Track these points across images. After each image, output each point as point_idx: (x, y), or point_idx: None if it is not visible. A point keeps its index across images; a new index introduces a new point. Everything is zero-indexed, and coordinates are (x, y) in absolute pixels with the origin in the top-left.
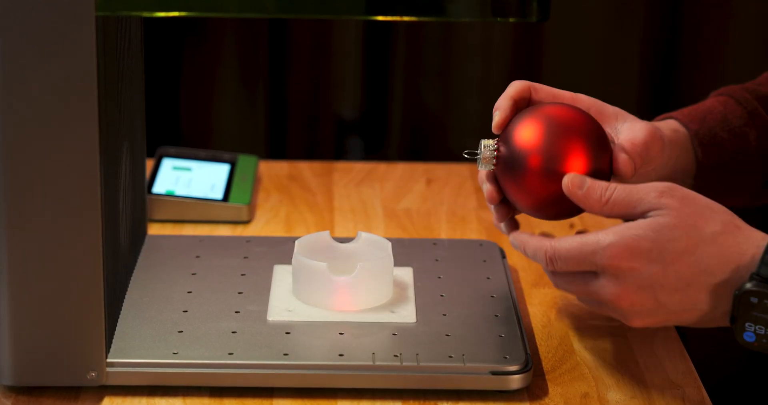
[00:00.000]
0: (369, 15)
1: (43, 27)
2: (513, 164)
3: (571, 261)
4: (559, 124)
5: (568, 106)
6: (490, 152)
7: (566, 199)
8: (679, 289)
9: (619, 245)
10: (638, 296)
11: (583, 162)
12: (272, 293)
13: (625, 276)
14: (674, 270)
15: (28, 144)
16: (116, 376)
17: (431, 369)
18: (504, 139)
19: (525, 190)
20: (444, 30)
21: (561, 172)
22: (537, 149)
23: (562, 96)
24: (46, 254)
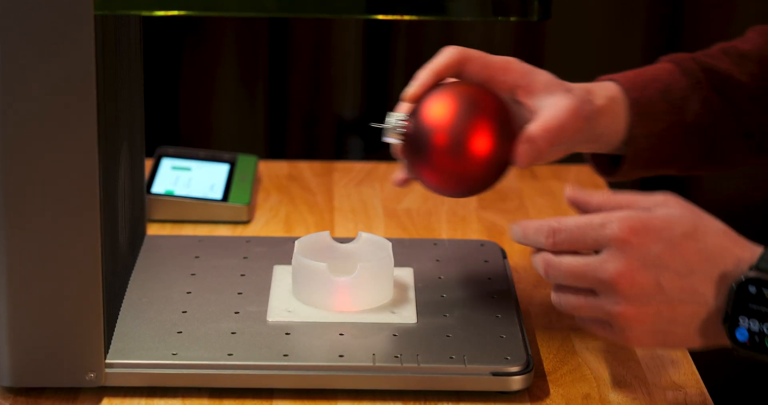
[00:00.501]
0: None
1: (41, 26)
2: (416, 140)
3: (575, 233)
4: (466, 105)
5: (482, 88)
6: (397, 124)
7: (466, 179)
8: (683, 274)
9: (632, 218)
10: (641, 275)
11: (486, 145)
12: (272, 294)
13: (631, 251)
14: (680, 253)
15: (26, 144)
16: (115, 377)
17: (432, 370)
18: (412, 113)
19: (426, 167)
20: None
21: (462, 153)
22: (439, 128)
23: (494, 63)
24: (45, 254)
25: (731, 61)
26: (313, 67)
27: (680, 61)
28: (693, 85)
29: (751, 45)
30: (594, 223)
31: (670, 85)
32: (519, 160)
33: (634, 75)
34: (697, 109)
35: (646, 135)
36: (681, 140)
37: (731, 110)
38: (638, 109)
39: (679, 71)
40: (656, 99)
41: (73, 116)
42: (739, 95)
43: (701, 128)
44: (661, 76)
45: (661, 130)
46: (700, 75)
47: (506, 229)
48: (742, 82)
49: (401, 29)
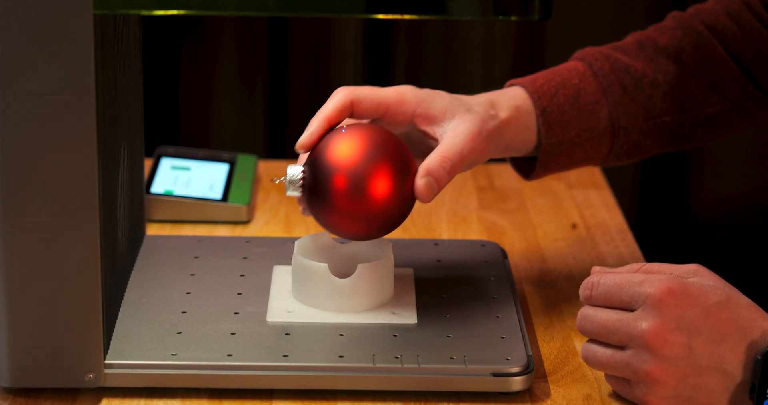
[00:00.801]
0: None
1: (40, 25)
2: (316, 189)
3: (613, 288)
4: (361, 147)
5: (375, 127)
6: (296, 177)
7: (372, 220)
8: (714, 341)
9: (670, 281)
10: (673, 335)
11: (386, 185)
12: (272, 294)
13: (667, 311)
14: (713, 321)
15: (25, 143)
16: (114, 377)
17: (432, 371)
18: (309, 163)
19: (330, 214)
20: (445, 28)
21: (363, 196)
22: (337, 174)
23: (386, 98)
24: (44, 255)
25: (646, 57)
26: (313, 67)
27: (592, 61)
28: (605, 89)
29: (668, 38)
30: (633, 280)
31: (580, 90)
32: (420, 194)
33: (543, 80)
34: (609, 112)
35: (556, 143)
36: (593, 143)
37: (645, 110)
38: (547, 117)
39: (590, 73)
40: (566, 106)
41: (72, 116)
42: (653, 95)
43: (614, 131)
44: (572, 81)
45: (572, 137)
46: (612, 77)
47: (506, 229)
48: (658, 81)
49: (401, 29)
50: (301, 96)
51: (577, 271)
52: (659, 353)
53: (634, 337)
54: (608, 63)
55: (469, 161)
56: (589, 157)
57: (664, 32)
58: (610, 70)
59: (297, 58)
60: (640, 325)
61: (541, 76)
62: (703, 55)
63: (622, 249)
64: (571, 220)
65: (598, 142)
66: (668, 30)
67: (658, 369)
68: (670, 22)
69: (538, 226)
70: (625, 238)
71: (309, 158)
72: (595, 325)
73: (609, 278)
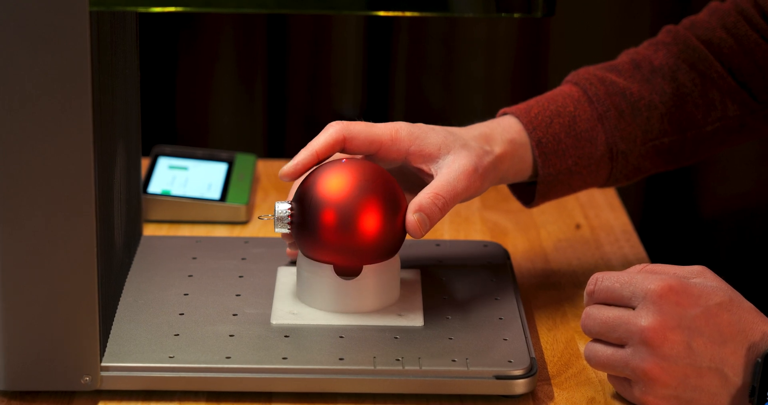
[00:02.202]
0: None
1: (36, 22)
2: (304, 224)
3: (616, 284)
4: (349, 182)
5: (361, 164)
6: (284, 214)
7: (360, 254)
8: (716, 342)
9: (673, 279)
10: (674, 334)
11: (374, 222)
12: (276, 296)
13: (668, 308)
14: (715, 322)
15: (20, 142)
16: (111, 380)
17: (434, 373)
18: (297, 200)
19: (316, 250)
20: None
21: (351, 232)
22: (325, 209)
23: (379, 135)
24: (39, 255)
25: (642, 78)
26: (313, 65)
27: (587, 86)
28: (600, 114)
29: (663, 56)
30: (636, 278)
31: (575, 117)
32: (411, 230)
33: (538, 108)
34: (606, 138)
35: (554, 173)
36: (591, 170)
37: (643, 133)
38: (543, 148)
39: (585, 99)
40: (562, 135)
41: (68, 114)
42: (651, 117)
43: (612, 156)
44: (567, 108)
45: (570, 165)
46: (608, 102)
47: (509, 229)
48: (654, 103)
49: (402, 26)
50: (301, 94)
51: (581, 273)
52: (659, 351)
53: (633, 333)
54: (603, 87)
55: (463, 198)
56: (588, 183)
57: (659, 49)
58: (605, 95)
59: (296, 56)
60: (640, 321)
61: (536, 105)
62: (700, 72)
63: (626, 250)
64: (575, 220)
65: (596, 168)
66: (663, 46)
67: (657, 368)
68: (665, 37)
69: (542, 226)
70: (630, 239)
71: (296, 194)
72: (597, 322)
73: (612, 275)
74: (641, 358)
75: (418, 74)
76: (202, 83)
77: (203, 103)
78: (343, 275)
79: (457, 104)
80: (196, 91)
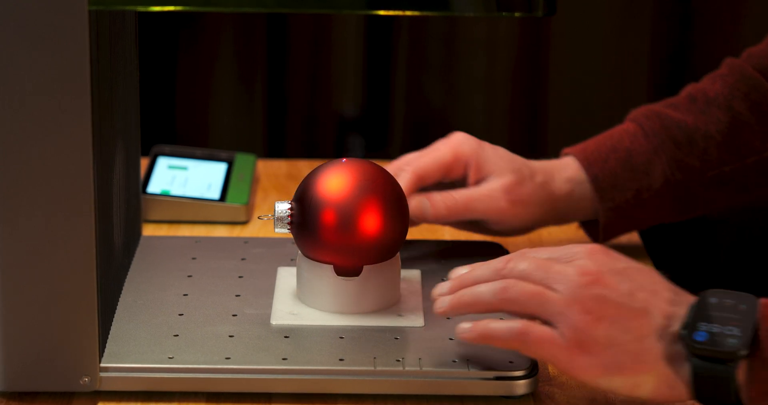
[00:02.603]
0: (370, 9)
1: (34, 22)
2: (304, 224)
3: (544, 251)
4: (348, 185)
5: (362, 164)
6: (284, 214)
7: (354, 258)
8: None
9: (596, 245)
10: (608, 276)
11: (375, 222)
12: (276, 296)
13: (601, 259)
14: (646, 273)
15: (18, 142)
16: (110, 381)
17: (434, 374)
18: (297, 199)
19: (316, 250)
20: (448, 25)
21: (351, 231)
22: (326, 209)
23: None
24: (38, 256)
25: (698, 110)
26: (313, 64)
27: (643, 121)
28: (656, 147)
29: (719, 86)
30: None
31: (632, 151)
32: (414, 211)
33: (595, 145)
34: (664, 170)
35: (613, 207)
36: (653, 202)
37: (701, 163)
38: (600, 184)
39: (641, 134)
40: (618, 170)
41: (67, 114)
42: (708, 147)
43: (672, 186)
44: (623, 143)
45: (629, 198)
46: (663, 134)
47: None
48: (710, 133)
49: (403, 25)
50: (301, 94)
51: None
52: (593, 289)
53: (567, 275)
54: (659, 120)
55: (482, 214)
56: (655, 216)
57: (715, 81)
58: (660, 128)
59: (296, 55)
60: (574, 266)
61: (592, 143)
62: (755, 100)
63: (628, 249)
64: None
65: (658, 200)
66: (720, 78)
67: (593, 303)
68: (724, 70)
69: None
70: (631, 238)
71: (296, 194)
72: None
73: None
74: (576, 295)
75: (418, 74)
76: (202, 83)
77: (203, 102)
78: (343, 275)
79: (457, 104)
80: (195, 90)
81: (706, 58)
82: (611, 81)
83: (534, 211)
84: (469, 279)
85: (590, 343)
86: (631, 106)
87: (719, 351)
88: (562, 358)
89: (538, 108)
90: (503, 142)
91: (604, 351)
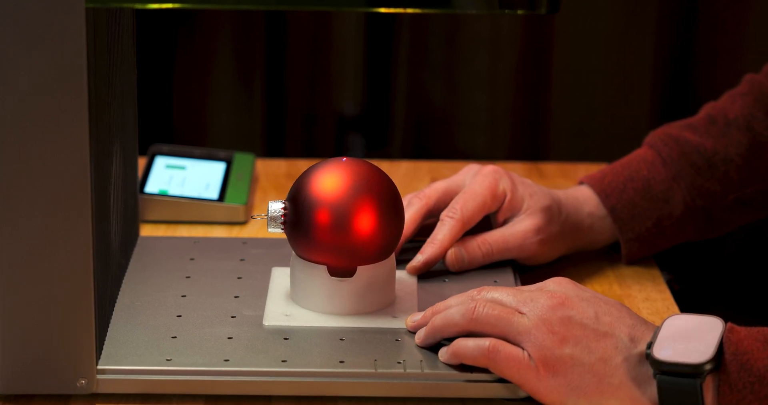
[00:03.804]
0: (371, 7)
1: (31, 19)
2: (297, 224)
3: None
4: (343, 184)
5: (357, 164)
6: (277, 214)
7: (348, 259)
8: (612, 315)
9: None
10: (575, 301)
11: (369, 222)
12: (269, 297)
13: (568, 286)
14: (609, 302)
15: (15, 141)
16: (107, 383)
17: (436, 376)
18: (290, 199)
19: (311, 250)
20: (450, 22)
21: (345, 232)
22: (320, 209)
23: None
24: (34, 257)
25: (717, 133)
26: (312, 62)
27: (661, 147)
28: (675, 174)
29: (739, 106)
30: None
31: (649, 180)
32: (447, 260)
33: (612, 176)
34: (683, 197)
35: (633, 238)
36: (674, 229)
37: (722, 186)
38: (618, 214)
39: (659, 162)
40: (636, 200)
41: (64, 113)
42: (728, 170)
43: (693, 212)
44: (641, 173)
45: (650, 227)
46: (682, 160)
47: None
48: (729, 156)
49: (404, 22)
50: (300, 92)
51: (585, 275)
52: (561, 311)
53: (536, 298)
54: (677, 146)
55: (516, 255)
56: (675, 241)
57: (735, 100)
58: (679, 155)
59: (295, 53)
60: (543, 292)
61: (610, 172)
62: None
63: None
64: None
65: (679, 226)
66: (740, 97)
67: (560, 323)
68: (743, 88)
69: None
70: None
71: (290, 193)
72: (497, 291)
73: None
74: (544, 316)
75: (419, 72)
76: (200, 81)
77: (201, 101)
78: (336, 276)
79: (459, 103)
80: (193, 89)
81: (710, 56)
82: (614, 79)
83: (561, 247)
84: (441, 305)
85: (556, 363)
86: (635, 104)
87: (684, 364)
88: (529, 378)
89: (540, 107)
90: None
91: (570, 372)
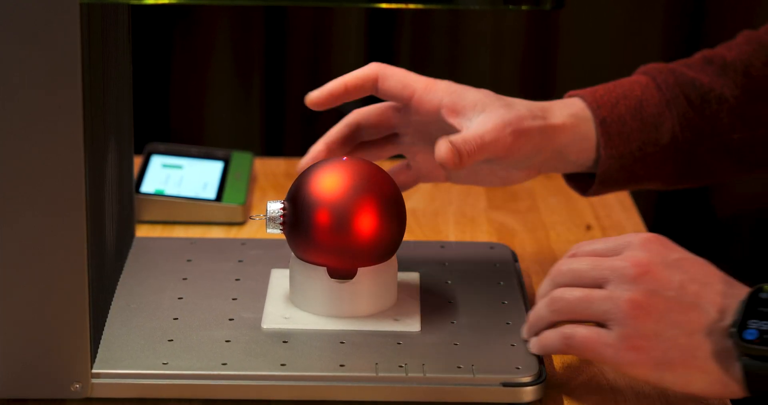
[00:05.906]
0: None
1: (24, 16)
2: (297, 224)
3: (599, 242)
4: (343, 184)
5: (358, 163)
6: (276, 214)
7: (348, 260)
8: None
9: (652, 235)
10: (659, 268)
11: (371, 222)
12: (268, 299)
13: (654, 248)
14: (699, 264)
15: (7, 140)
16: (102, 387)
17: (438, 380)
18: (289, 199)
19: (310, 251)
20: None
21: (346, 232)
22: (320, 209)
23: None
24: (26, 258)
25: (713, 72)
26: (312, 59)
27: (656, 74)
28: (668, 101)
29: (736, 53)
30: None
31: (642, 101)
32: (444, 158)
33: (603, 91)
34: (673, 126)
35: (616, 156)
36: (656, 159)
37: (711, 126)
38: (606, 128)
39: (654, 86)
40: (627, 117)
41: (58, 111)
42: (720, 110)
43: (678, 145)
44: (634, 92)
45: (634, 149)
46: (677, 89)
47: (517, 230)
48: (724, 96)
49: (406, 19)
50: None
51: None
52: (643, 283)
53: (616, 269)
54: (673, 76)
55: (493, 153)
56: (652, 175)
57: (732, 48)
58: (674, 83)
59: (295, 50)
60: (627, 257)
61: (601, 88)
62: None
63: None
64: (586, 221)
65: (661, 157)
66: (737, 46)
67: (641, 296)
68: (740, 39)
69: (551, 227)
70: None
71: (289, 193)
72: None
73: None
74: (624, 289)
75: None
76: (197, 78)
77: (198, 99)
78: (336, 278)
79: None
80: (190, 86)
81: None
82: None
83: (536, 142)
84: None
85: (638, 339)
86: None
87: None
88: (610, 356)
89: None
90: None
91: (653, 348)
